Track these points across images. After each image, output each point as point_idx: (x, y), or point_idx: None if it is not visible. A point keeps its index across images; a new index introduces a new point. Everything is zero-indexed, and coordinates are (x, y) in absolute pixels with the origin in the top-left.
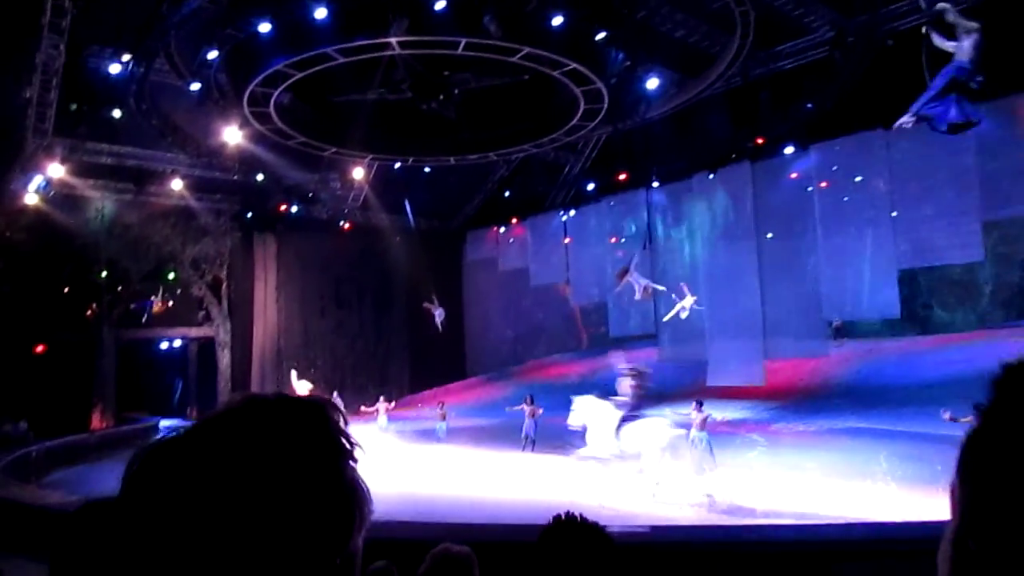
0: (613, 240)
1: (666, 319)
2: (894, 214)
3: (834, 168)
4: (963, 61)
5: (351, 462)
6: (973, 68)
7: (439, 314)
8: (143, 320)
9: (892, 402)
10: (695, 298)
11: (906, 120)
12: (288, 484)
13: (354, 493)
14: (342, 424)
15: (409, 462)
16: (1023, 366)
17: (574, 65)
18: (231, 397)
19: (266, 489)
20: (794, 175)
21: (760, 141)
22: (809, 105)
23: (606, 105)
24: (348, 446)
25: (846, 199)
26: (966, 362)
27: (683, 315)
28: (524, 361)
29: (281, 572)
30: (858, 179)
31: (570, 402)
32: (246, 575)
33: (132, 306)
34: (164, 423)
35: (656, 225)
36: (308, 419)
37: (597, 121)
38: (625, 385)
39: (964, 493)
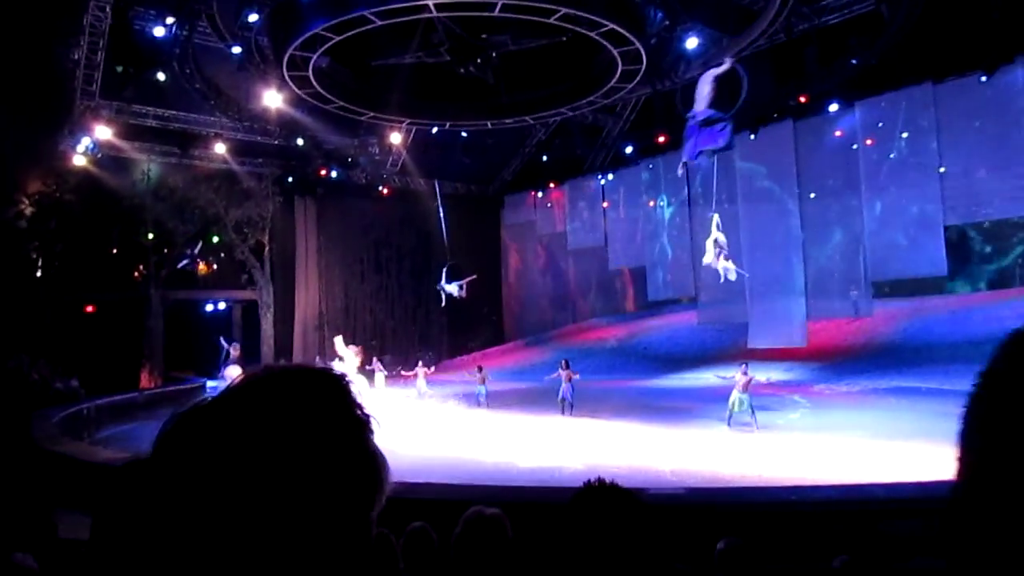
0: (652, 203)
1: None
2: (941, 170)
3: (880, 125)
4: (699, 112)
5: (370, 433)
6: (712, 112)
7: (453, 288)
8: (182, 265)
9: (939, 360)
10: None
11: (680, 171)
12: (317, 454)
13: (375, 462)
14: (358, 397)
15: (449, 426)
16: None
17: (612, 25)
18: (253, 369)
19: (295, 458)
20: (838, 133)
21: (804, 99)
22: (854, 61)
23: (644, 66)
24: (366, 418)
25: (892, 156)
26: (1017, 318)
27: (731, 276)
28: (563, 325)
29: (306, 538)
30: (904, 135)
31: (608, 364)
32: (273, 540)
33: (180, 256)
34: (211, 384)
35: (696, 186)
36: (332, 391)
37: (635, 82)
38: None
39: (962, 459)
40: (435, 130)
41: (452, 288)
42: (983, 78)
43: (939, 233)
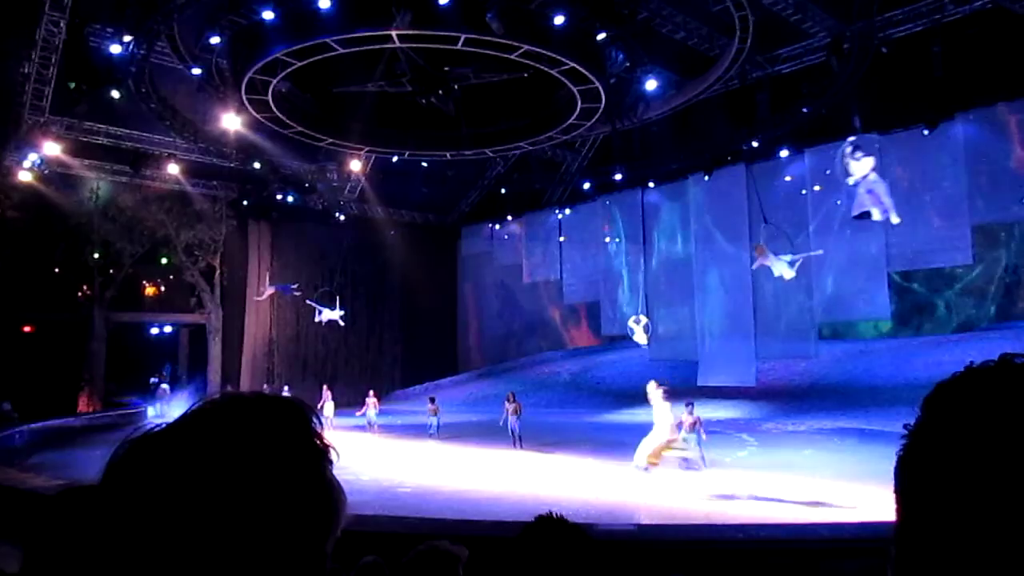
0: (608, 239)
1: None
2: None
3: (827, 172)
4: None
5: (328, 463)
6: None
7: (336, 314)
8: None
9: (882, 402)
10: (646, 320)
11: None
12: (273, 484)
13: (332, 493)
14: (318, 426)
15: (400, 457)
16: (953, 385)
17: (572, 64)
18: (211, 395)
19: (251, 488)
20: (789, 178)
21: (756, 143)
22: (805, 109)
23: (603, 104)
24: (324, 448)
25: (839, 202)
26: (955, 363)
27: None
28: (517, 357)
29: (260, 570)
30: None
31: (561, 398)
32: (226, 571)
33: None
34: (152, 409)
35: (651, 225)
36: (290, 420)
37: (594, 120)
38: None
39: (898, 509)
40: (395, 159)
41: (335, 314)
42: (926, 132)
43: (883, 278)
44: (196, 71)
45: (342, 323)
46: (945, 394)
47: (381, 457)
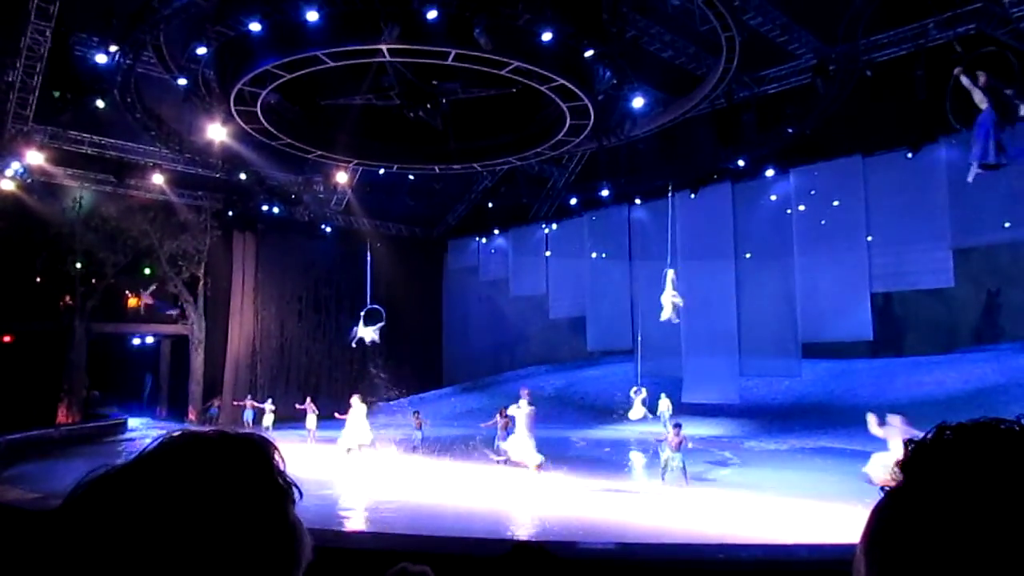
0: (593, 255)
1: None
2: (869, 238)
3: (812, 192)
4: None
5: (291, 503)
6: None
7: (368, 333)
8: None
9: (863, 422)
10: (645, 393)
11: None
12: (235, 526)
13: (295, 534)
14: (281, 464)
15: (383, 471)
16: (927, 446)
17: (562, 81)
18: (171, 433)
19: (209, 531)
20: (774, 197)
21: (741, 163)
22: (790, 130)
23: (592, 121)
24: (287, 487)
25: (823, 222)
26: (936, 384)
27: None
28: (501, 371)
29: None
30: (835, 203)
31: (545, 413)
32: None
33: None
34: (133, 421)
35: (637, 241)
36: (252, 461)
37: (582, 137)
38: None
39: (869, 565)
40: (382, 172)
41: (367, 333)
42: (909, 155)
43: (866, 299)
44: (182, 81)
45: (371, 341)
46: (928, 459)
47: (363, 471)
